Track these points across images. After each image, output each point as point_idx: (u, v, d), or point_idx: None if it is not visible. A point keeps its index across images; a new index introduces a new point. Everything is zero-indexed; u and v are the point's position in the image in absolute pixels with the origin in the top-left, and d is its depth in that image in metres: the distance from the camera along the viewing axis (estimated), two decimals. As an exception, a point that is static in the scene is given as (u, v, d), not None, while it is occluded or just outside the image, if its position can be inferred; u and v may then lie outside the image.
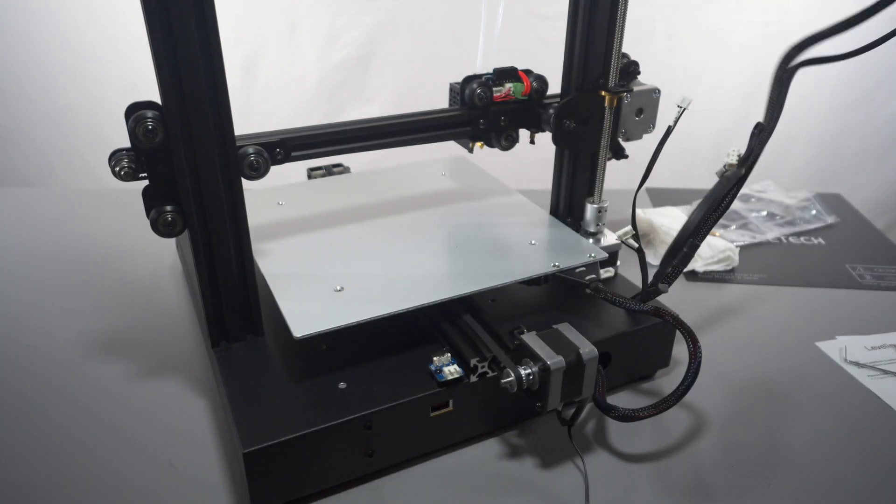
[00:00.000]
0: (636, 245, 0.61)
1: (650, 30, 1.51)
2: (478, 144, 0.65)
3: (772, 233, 0.94)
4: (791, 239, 0.93)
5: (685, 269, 0.62)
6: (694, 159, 1.66)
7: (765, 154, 0.50)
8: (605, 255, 0.61)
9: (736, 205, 0.98)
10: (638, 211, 0.85)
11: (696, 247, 0.55)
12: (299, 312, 0.51)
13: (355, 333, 0.51)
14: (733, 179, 0.50)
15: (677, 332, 0.55)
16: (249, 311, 0.56)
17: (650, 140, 0.68)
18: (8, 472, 0.52)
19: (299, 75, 1.52)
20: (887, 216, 1.60)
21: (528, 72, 0.63)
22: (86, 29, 1.43)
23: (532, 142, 0.66)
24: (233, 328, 0.56)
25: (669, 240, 0.58)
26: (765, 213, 0.99)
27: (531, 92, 0.63)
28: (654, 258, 0.82)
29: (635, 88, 0.61)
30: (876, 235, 0.95)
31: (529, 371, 0.49)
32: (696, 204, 0.56)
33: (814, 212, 1.00)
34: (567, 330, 0.53)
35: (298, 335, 0.49)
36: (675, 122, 0.58)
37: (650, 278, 0.58)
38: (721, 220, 0.55)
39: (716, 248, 0.84)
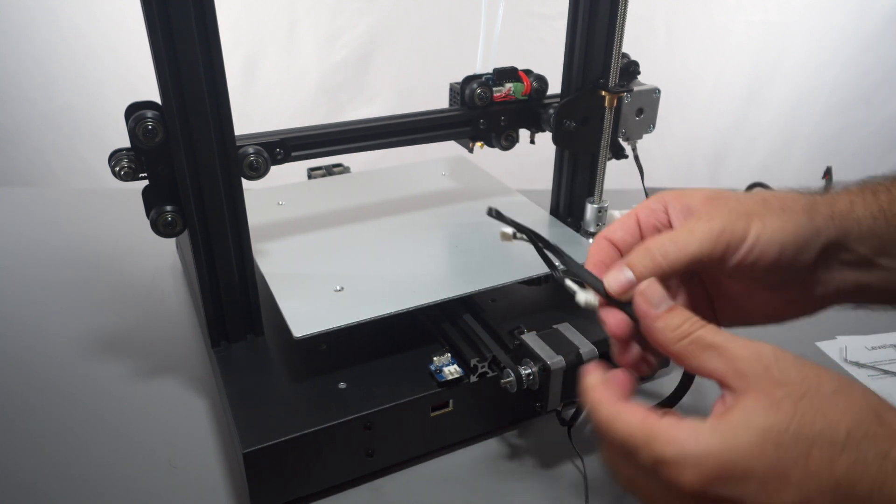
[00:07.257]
0: None
1: (650, 30, 1.52)
2: (478, 144, 0.65)
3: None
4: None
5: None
6: (693, 159, 1.67)
7: (765, 154, 0.50)
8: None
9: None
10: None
11: None
12: (299, 312, 0.51)
13: (355, 333, 0.51)
14: None
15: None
16: (249, 311, 0.56)
17: (651, 139, 0.68)
18: (8, 472, 0.52)
19: (299, 75, 1.52)
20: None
21: (528, 72, 0.63)
22: (86, 29, 1.43)
23: (532, 142, 0.66)
24: (233, 328, 0.56)
25: None
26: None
27: (531, 92, 0.63)
28: None
29: (635, 88, 0.61)
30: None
31: (529, 371, 0.49)
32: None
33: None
34: (567, 330, 0.53)
35: (298, 335, 0.49)
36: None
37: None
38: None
39: None
